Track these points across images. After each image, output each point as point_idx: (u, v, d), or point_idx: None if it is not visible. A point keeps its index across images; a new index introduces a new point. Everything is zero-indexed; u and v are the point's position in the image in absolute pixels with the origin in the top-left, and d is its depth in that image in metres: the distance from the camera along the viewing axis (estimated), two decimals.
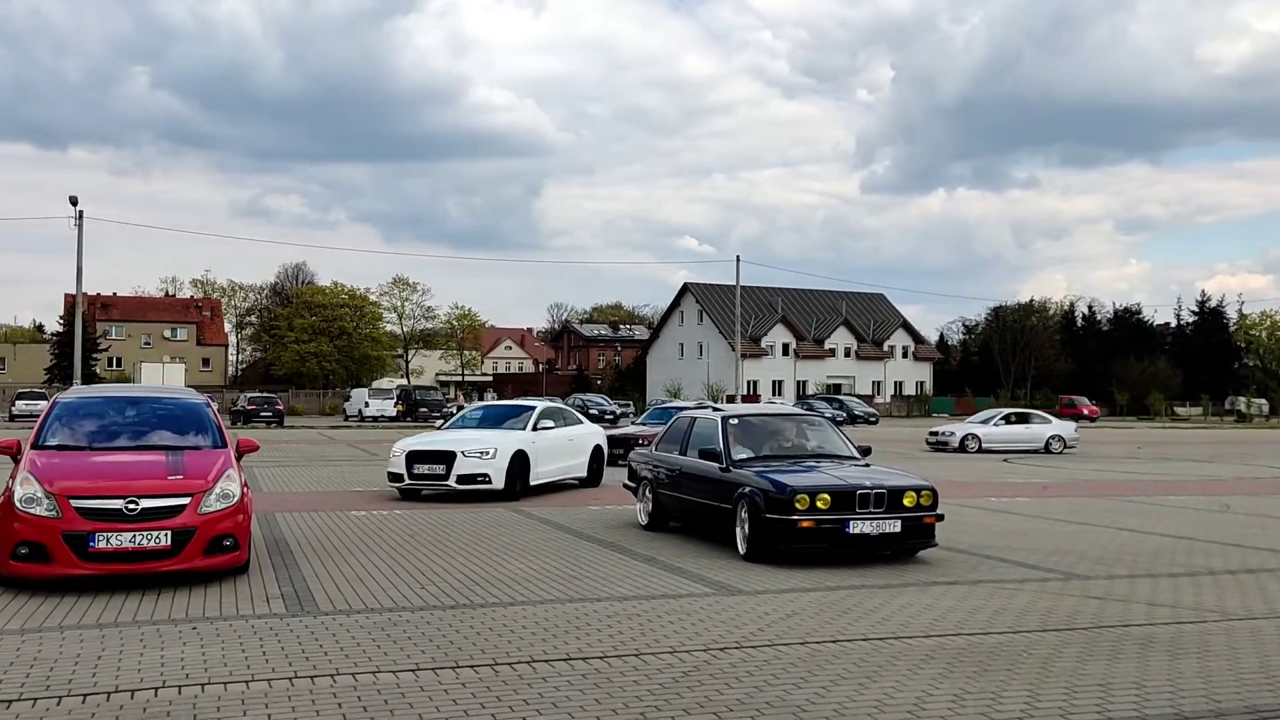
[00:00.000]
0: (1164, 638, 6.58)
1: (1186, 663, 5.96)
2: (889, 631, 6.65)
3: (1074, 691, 5.35)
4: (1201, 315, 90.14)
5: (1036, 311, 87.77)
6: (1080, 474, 21.80)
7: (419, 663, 5.75)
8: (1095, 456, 28.89)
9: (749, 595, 7.81)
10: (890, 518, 9.18)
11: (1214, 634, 6.71)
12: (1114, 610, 7.43)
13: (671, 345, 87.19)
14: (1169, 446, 35.26)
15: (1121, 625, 6.93)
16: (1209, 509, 14.58)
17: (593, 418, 54.40)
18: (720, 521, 9.98)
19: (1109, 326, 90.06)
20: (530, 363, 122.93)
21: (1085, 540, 11.14)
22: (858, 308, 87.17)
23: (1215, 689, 5.43)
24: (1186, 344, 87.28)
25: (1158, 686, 5.47)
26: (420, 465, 14.37)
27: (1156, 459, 27.86)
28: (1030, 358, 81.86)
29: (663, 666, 5.74)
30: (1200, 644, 6.42)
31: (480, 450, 14.32)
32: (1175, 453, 31.14)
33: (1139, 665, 5.89)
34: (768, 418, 11.58)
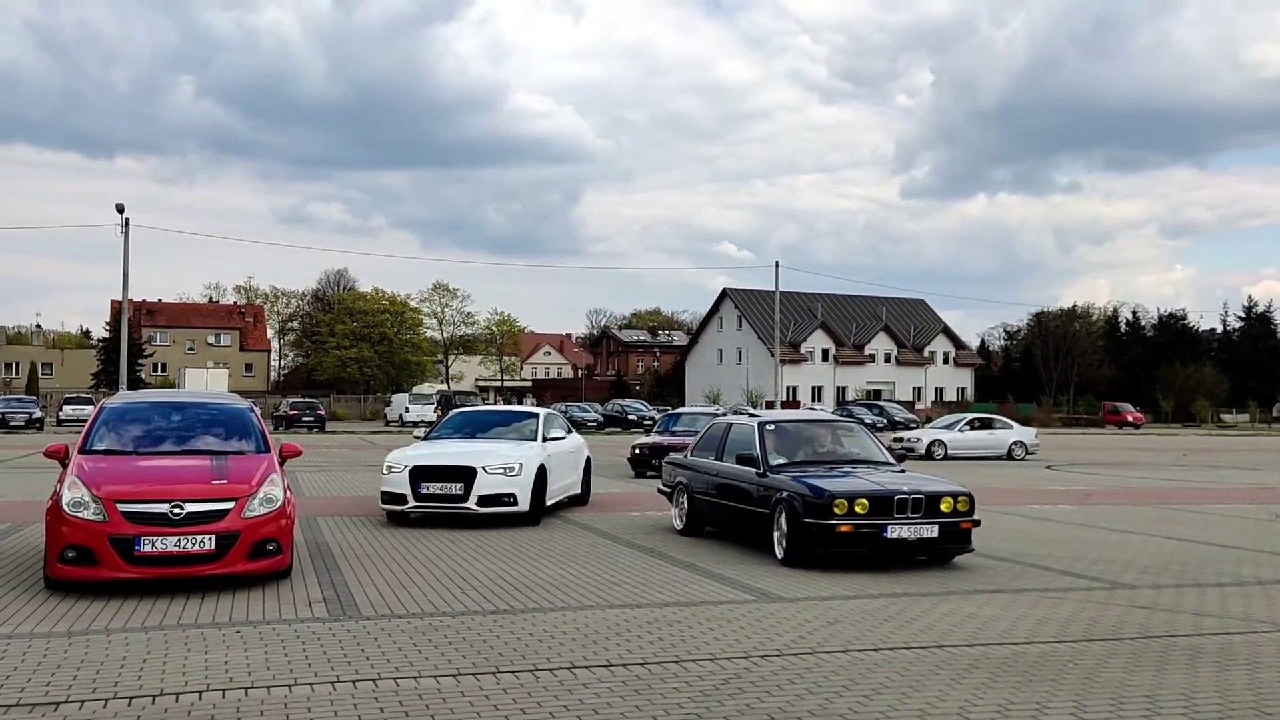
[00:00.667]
0: (1212, 649, 6.44)
1: (1236, 674, 5.82)
2: (931, 640, 6.57)
3: (1120, 703, 5.24)
4: (1249, 321, 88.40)
5: (1079, 317, 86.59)
6: (1125, 481, 21.44)
7: (460, 668, 5.76)
8: (1140, 464, 28.40)
9: (789, 602, 7.76)
10: (928, 523, 9.13)
11: (1264, 645, 6.54)
12: (1161, 620, 7.28)
13: (710, 351, 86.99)
14: (1216, 454, 34.58)
15: (1169, 635, 6.79)
16: (1257, 518, 14.26)
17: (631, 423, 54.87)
18: (757, 526, 9.95)
19: (1153, 332, 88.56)
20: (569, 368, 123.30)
21: (1130, 549, 10.94)
22: (898, 313, 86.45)
23: (1266, 701, 5.30)
24: (1233, 350, 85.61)
25: (1206, 699, 5.34)
26: (430, 484, 11.85)
27: (1203, 466, 27.33)
28: (1073, 364, 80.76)
29: (703, 674, 5.71)
30: (1250, 655, 6.27)
31: (504, 466, 11.97)
32: (1222, 460, 30.54)
33: (1187, 677, 5.76)
34: (803, 424, 11.52)
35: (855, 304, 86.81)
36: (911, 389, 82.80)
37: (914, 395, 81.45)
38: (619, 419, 55.25)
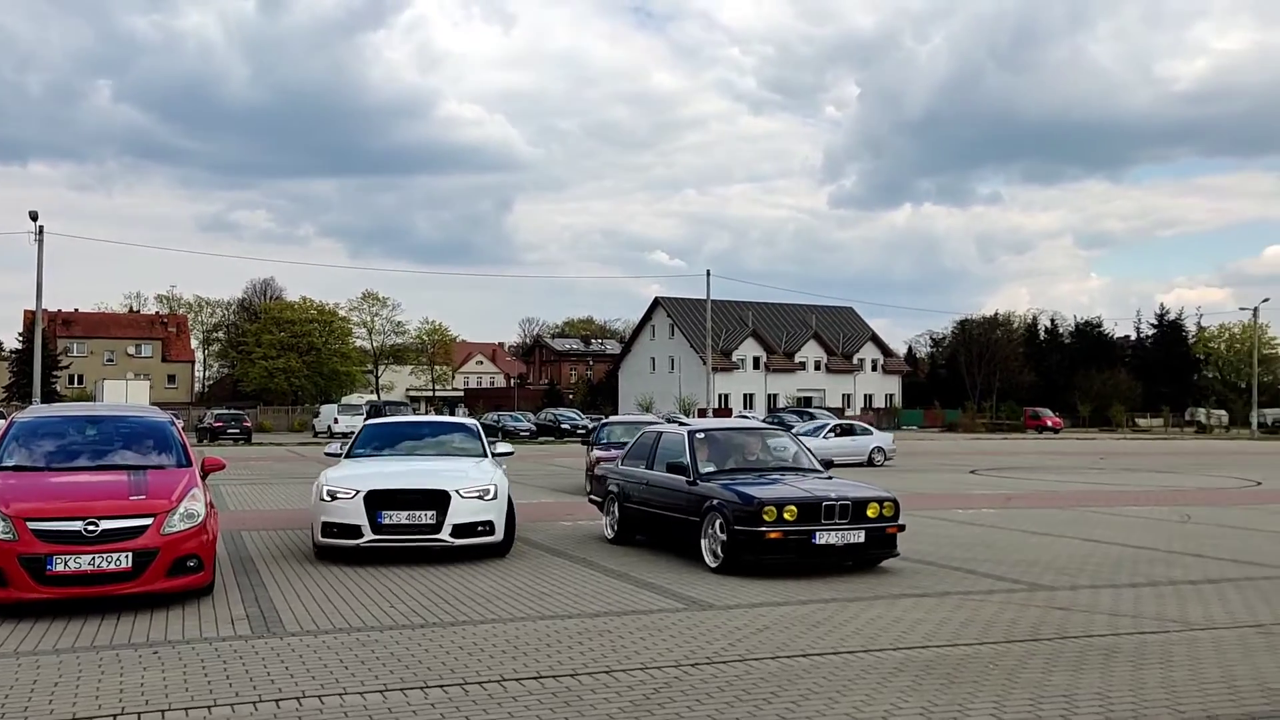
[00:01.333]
0: (1127, 648, 6.62)
1: (1150, 673, 6.00)
2: (859, 645, 6.64)
3: (1039, 702, 5.36)
4: (1161, 328, 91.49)
5: (1001, 325, 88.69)
6: (1045, 485, 21.99)
7: (387, 684, 5.66)
8: (1059, 468, 29.16)
9: (720, 610, 7.79)
10: (854, 528, 9.26)
11: (1176, 644, 6.75)
12: (1078, 621, 7.47)
13: (643, 359, 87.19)
14: (1131, 457, 35.67)
15: (1085, 636, 6.96)
16: (1169, 519, 14.73)
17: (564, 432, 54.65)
18: (688, 534, 9.98)
19: (1071, 339, 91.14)
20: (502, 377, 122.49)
21: (1049, 551, 11.21)
22: (827, 321, 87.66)
23: (1178, 699, 5.46)
24: (1146, 356, 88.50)
25: (1121, 697, 5.49)
26: (394, 513, 9.77)
27: (1118, 469, 28.17)
28: (996, 370, 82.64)
29: (633, 684, 5.70)
30: (1163, 654, 6.46)
31: (479, 489, 10.11)
32: (1137, 463, 31.51)
33: (1103, 676, 5.91)
34: (733, 431, 11.61)
35: (786, 312, 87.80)
36: (841, 396, 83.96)
37: (843, 402, 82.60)
38: (552, 428, 55.05)
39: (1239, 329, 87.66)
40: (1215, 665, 6.18)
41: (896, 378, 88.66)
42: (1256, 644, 6.74)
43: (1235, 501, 18.18)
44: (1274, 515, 15.51)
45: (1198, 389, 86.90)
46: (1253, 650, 6.56)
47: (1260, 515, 15.51)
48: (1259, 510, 16.40)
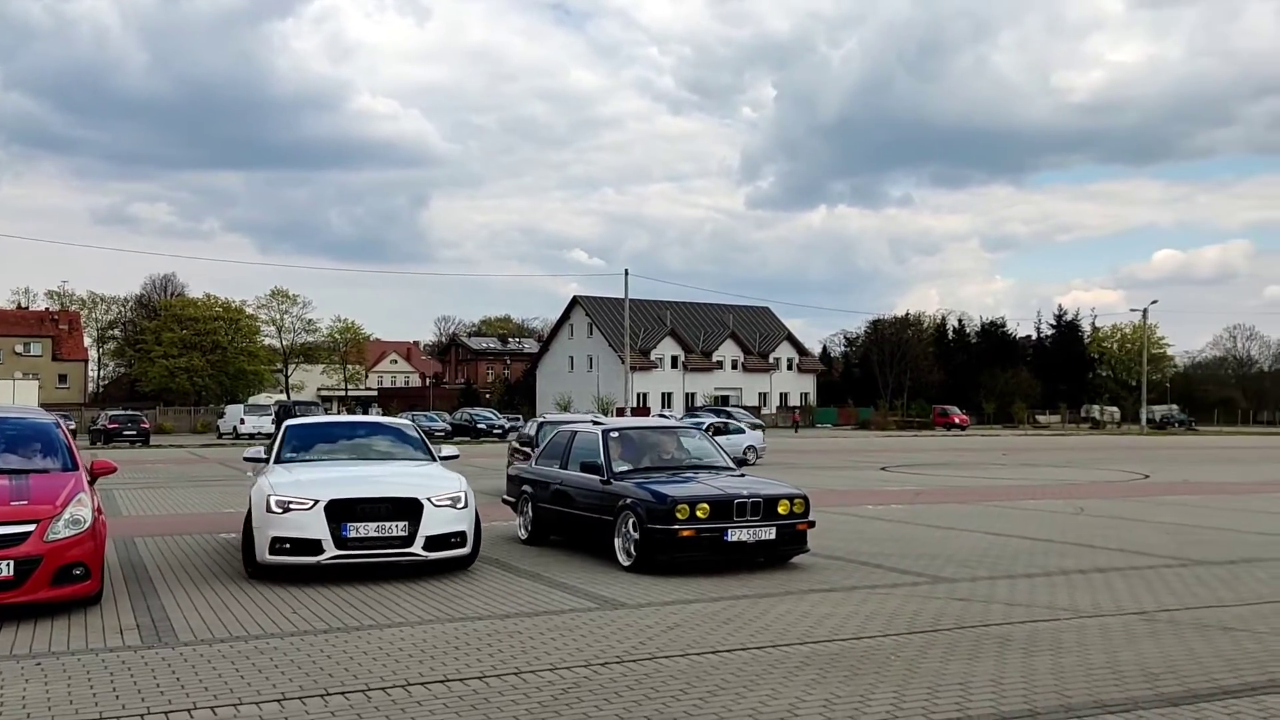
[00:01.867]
0: (1020, 636, 6.84)
1: (1040, 660, 6.20)
2: (767, 640, 6.73)
3: (936, 691, 5.51)
4: (1059, 328, 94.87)
5: (912, 325, 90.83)
6: (950, 481, 22.57)
7: (285, 692, 5.53)
8: (965, 464, 29.96)
9: (633, 609, 7.81)
10: (766, 525, 9.39)
11: (1066, 631, 7.00)
12: (976, 611, 7.69)
13: (561, 358, 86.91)
14: (1031, 453, 36.87)
15: (982, 625, 7.18)
16: (1065, 512, 15.27)
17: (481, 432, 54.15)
18: (602, 533, 9.99)
19: (977, 339, 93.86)
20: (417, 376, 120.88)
21: (953, 544, 11.52)
22: (744, 320, 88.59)
23: (1066, 685, 5.66)
24: (1046, 355, 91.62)
25: (1013, 683, 5.67)
26: (361, 524, 8.80)
27: (1019, 465, 29.08)
28: (907, 369, 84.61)
29: (542, 685, 5.68)
30: (1053, 641, 6.69)
31: (451, 496, 9.27)
32: (1037, 458, 32.57)
33: (996, 664, 6.10)
34: (646, 430, 11.65)
35: (703, 312, 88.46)
36: (758, 394, 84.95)
37: (760, 401, 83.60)
38: (468, 428, 54.54)
39: (1130, 329, 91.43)
40: (1102, 651, 6.43)
41: (812, 376, 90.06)
42: (1140, 630, 7.03)
43: (1125, 494, 18.93)
44: (1160, 507, 16.20)
45: (1093, 387, 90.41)
46: (1136, 637, 6.84)
47: (1147, 507, 16.17)
48: (1146, 502, 17.11)
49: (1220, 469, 27.63)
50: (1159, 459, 32.33)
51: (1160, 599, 8.21)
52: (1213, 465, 29.33)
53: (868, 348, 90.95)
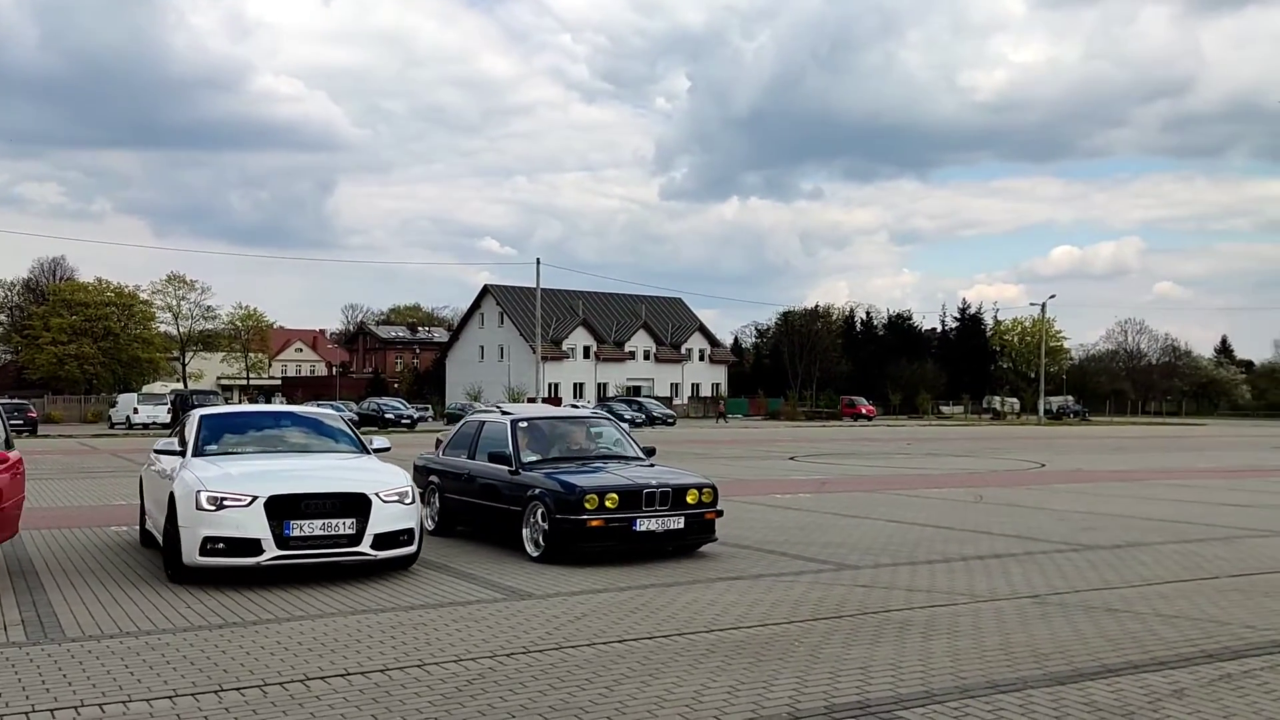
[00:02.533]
0: (920, 621, 7.05)
1: (938, 643, 6.40)
2: (673, 629, 6.79)
3: (838, 675, 5.64)
4: (963, 321, 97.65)
5: (821, 317, 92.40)
6: (857, 470, 23.08)
7: (178, 688, 5.37)
8: (871, 454, 30.66)
9: (540, 599, 7.80)
10: (675, 515, 9.47)
11: (963, 615, 7.23)
12: (878, 597, 7.89)
13: (472, 347, 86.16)
14: (935, 443, 37.91)
15: (883, 611, 7.37)
16: (964, 500, 15.75)
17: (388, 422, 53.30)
18: (510, 524, 9.95)
19: (884, 331, 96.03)
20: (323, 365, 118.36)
21: (857, 532, 11.79)
22: (657, 311, 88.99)
23: (962, 666, 5.86)
24: (950, 348, 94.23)
25: (911, 666, 5.84)
26: (306, 522, 8.25)
27: (923, 454, 29.87)
28: (816, 360, 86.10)
29: (446, 676, 5.63)
30: (950, 625, 6.91)
31: (399, 492, 8.79)
32: (940, 448, 33.51)
33: (896, 647, 6.27)
34: (555, 420, 11.63)
35: (616, 302, 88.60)
36: (670, 385, 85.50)
37: (672, 391, 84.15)
38: (375, 418, 53.64)
39: (1030, 323, 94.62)
40: (996, 634, 6.66)
41: (723, 367, 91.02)
42: (1032, 613, 7.31)
43: (1022, 482, 19.63)
44: (1055, 494, 16.84)
45: (994, 378, 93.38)
46: (1029, 619, 7.11)
47: (1043, 495, 16.80)
48: (1042, 490, 17.76)
49: (1111, 457, 28.84)
50: (1055, 448, 33.57)
51: (1052, 583, 8.53)
52: (1104, 454, 30.59)
53: (778, 339, 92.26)
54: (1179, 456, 29.98)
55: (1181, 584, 8.54)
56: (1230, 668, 5.84)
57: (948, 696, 5.28)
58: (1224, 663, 5.95)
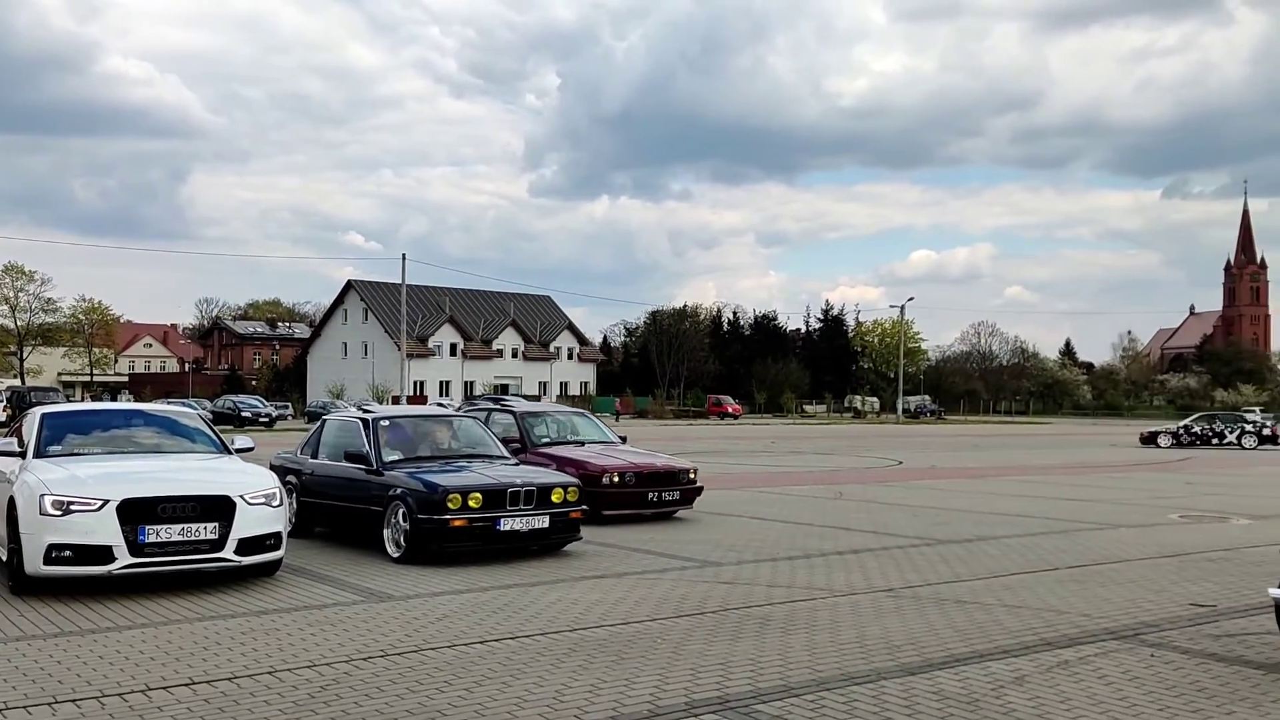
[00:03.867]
0: (780, 616, 7.20)
1: (797, 637, 6.55)
2: (536, 629, 6.74)
3: (698, 672, 5.70)
4: (826, 322, 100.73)
5: (689, 316, 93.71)
6: (722, 468, 23.46)
7: (8, 701, 5.03)
8: (736, 452, 31.23)
9: (400, 600, 7.63)
10: (539, 514, 9.44)
11: (821, 610, 7.43)
12: (740, 593, 8.03)
13: (334, 344, 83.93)
14: (798, 441, 38.92)
15: (745, 607, 7.50)
16: (825, 497, 16.21)
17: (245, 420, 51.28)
18: (372, 525, 9.72)
19: (750, 331, 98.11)
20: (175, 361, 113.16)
21: (721, 529, 11.97)
22: (525, 309, 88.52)
23: (818, 660, 6.01)
24: (814, 348, 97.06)
25: (770, 661, 5.96)
26: (162, 527, 7.74)
27: (787, 452, 30.61)
28: (684, 359, 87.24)
29: (298, 683, 5.44)
30: (809, 620, 7.08)
31: (265, 494, 8.35)
32: (803, 446, 34.41)
33: (756, 643, 6.39)
34: (418, 419, 11.45)
35: (484, 299, 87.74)
36: (538, 383, 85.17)
37: (540, 390, 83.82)
38: (231, 416, 51.57)
39: (889, 325, 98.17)
40: (852, 627, 6.86)
41: (592, 366, 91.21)
42: (886, 606, 7.56)
43: (880, 479, 20.33)
44: (912, 491, 17.50)
45: (855, 378, 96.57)
46: (883, 612, 7.35)
47: (900, 491, 17.44)
48: (899, 487, 18.44)
49: (964, 455, 30.19)
50: (911, 446, 34.91)
51: (906, 576, 8.86)
52: (957, 451, 32.00)
53: (647, 338, 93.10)
54: (1025, 454, 31.63)
55: (1024, 575, 8.99)
56: (1067, 654, 6.17)
57: (804, 690, 5.41)
58: (1061, 650, 6.29)
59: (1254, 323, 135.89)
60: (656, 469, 12.78)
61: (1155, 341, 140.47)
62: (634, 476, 12.37)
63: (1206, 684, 5.60)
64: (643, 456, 13.31)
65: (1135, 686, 5.54)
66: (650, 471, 12.63)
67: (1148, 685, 5.56)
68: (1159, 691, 5.45)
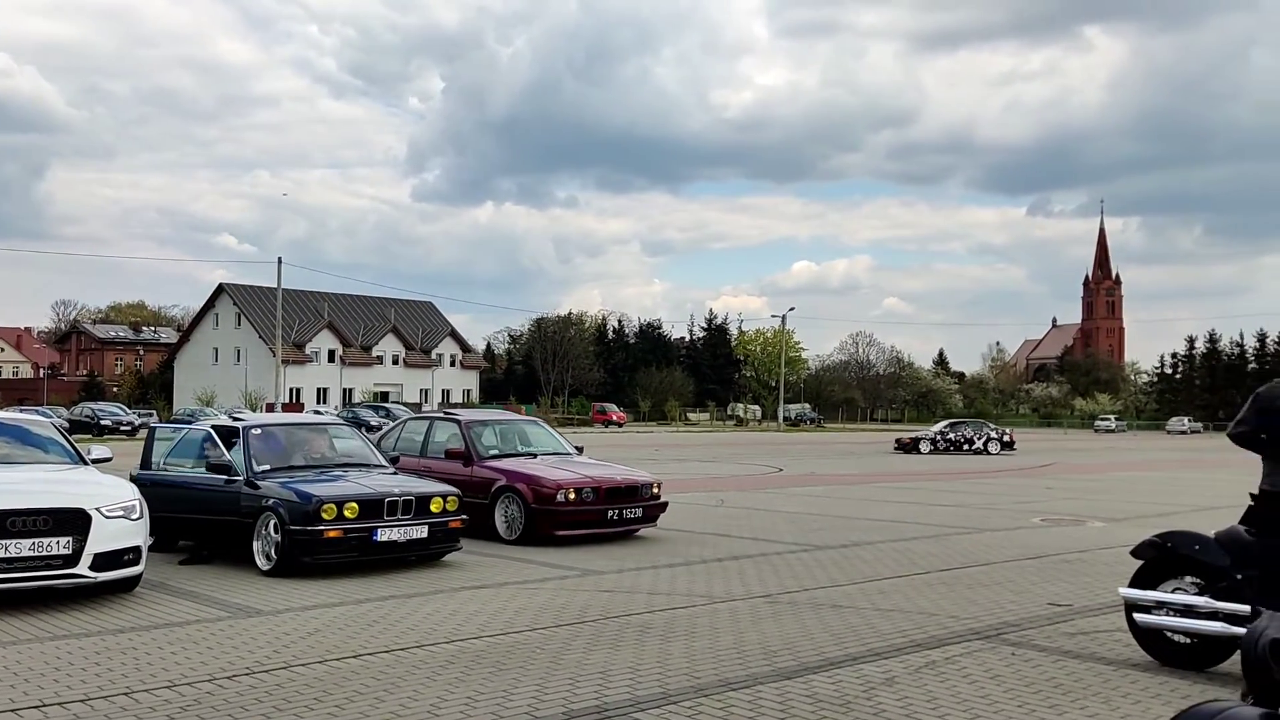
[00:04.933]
0: (659, 624, 7.24)
1: (676, 645, 6.60)
2: (413, 641, 6.62)
3: (577, 682, 5.69)
4: (710, 331, 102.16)
5: (574, 324, 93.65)
6: None
7: None
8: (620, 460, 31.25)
9: (269, 615, 7.39)
10: (417, 523, 9.31)
11: (700, 617, 7.51)
12: (620, 601, 8.04)
13: (204, 350, 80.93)
14: (682, 449, 39.28)
15: (625, 615, 7.52)
16: (708, 504, 16.39)
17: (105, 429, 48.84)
18: (241, 537, 9.39)
19: (635, 339, 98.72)
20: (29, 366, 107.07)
21: (603, 537, 11.96)
22: (407, 315, 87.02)
23: (697, 667, 6.06)
24: (698, 356, 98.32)
25: (649, 669, 5.99)
26: (8, 543, 7.33)
27: (671, 460, 30.86)
28: (569, 367, 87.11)
29: (156, 704, 5.20)
30: (688, 627, 7.15)
31: (123, 506, 7.99)
32: (686, 454, 34.74)
33: (636, 651, 6.41)
34: (292, 427, 11.12)
35: (364, 305, 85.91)
36: (419, 391, 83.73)
37: (421, 397, 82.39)
38: (89, 424, 49.06)
39: (771, 334, 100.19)
40: (730, 634, 6.95)
41: (475, 373, 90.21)
42: (764, 612, 7.69)
43: (761, 486, 20.69)
44: (791, 498, 17.86)
45: (738, 386, 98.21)
46: (760, 619, 7.47)
47: (779, 498, 17.78)
48: (778, 493, 18.81)
49: (841, 462, 30.99)
50: (792, 453, 35.64)
51: (784, 582, 9.02)
52: (835, 459, 32.82)
53: (531, 346, 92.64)
54: (899, 461, 32.66)
55: (897, 579, 9.27)
56: (935, 655, 6.39)
57: (682, 697, 5.45)
58: (930, 651, 6.50)
59: (1109, 335, 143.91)
60: (617, 483, 11.64)
61: (1021, 352, 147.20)
62: (592, 492, 11.28)
63: (1062, 680, 5.88)
64: (601, 469, 12.26)
65: (997, 684, 5.77)
66: (610, 486, 11.51)
67: (1009, 683, 5.80)
68: (1019, 689, 5.69)
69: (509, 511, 11.14)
